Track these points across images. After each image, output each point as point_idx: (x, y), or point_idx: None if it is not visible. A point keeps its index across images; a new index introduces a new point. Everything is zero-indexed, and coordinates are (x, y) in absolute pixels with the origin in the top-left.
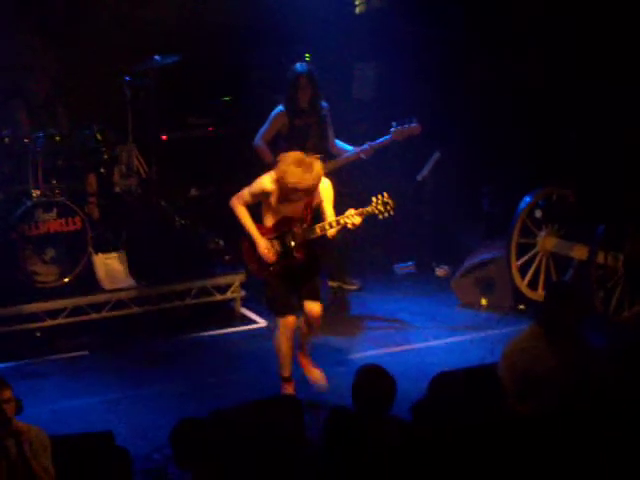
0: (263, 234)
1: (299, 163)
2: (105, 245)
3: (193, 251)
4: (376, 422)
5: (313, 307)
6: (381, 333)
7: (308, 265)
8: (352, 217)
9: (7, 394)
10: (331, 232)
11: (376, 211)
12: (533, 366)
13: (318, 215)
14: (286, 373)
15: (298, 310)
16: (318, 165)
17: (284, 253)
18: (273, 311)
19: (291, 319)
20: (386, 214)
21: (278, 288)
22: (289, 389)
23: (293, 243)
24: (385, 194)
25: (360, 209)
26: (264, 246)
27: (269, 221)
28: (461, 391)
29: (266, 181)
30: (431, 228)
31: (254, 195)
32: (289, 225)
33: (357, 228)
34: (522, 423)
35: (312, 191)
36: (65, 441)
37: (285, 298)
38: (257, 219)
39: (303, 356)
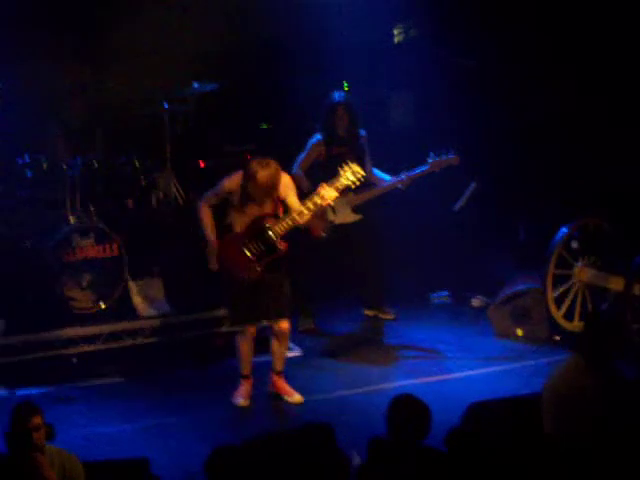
0: (237, 239)
1: (258, 164)
2: (142, 271)
3: None
4: (411, 452)
5: (282, 325)
6: (416, 363)
7: (272, 280)
8: (325, 192)
9: (37, 421)
10: (307, 216)
11: (349, 182)
12: (574, 396)
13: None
14: (246, 371)
15: (258, 320)
16: (274, 163)
17: (267, 249)
18: (233, 318)
19: (251, 328)
20: (357, 182)
21: (243, 298)
22: (246, 386)
23: (274, 236)
24: (349, 163)
25: (331, 182)
26: (214, 250)
27: (238, 225)
28: (496, 422)
29: (228, 180)
30: (467, 258)
31: (218, 194)
32: (262, 223)
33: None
34: (558, 454)
35: (271, 188)
36: (98, 467)
37: (248, 304)
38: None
39: (279, 380)
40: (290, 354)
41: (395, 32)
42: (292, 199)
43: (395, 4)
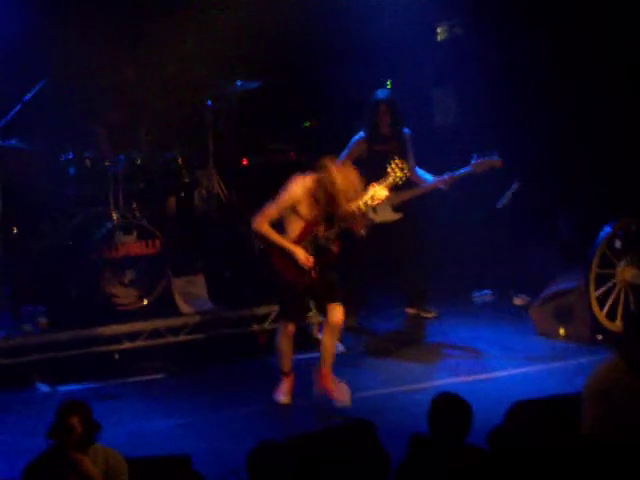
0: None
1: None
2: (184, 268)
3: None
4: (453, 450)
5: (335, 310)
6: (457, 361)
7: (326, 271)
8: (376, 192)
9: (72, 421)
10: (359, 218)
11: (397, 179)
12: (614, 397)
13: None
14: (286, 368)
15: (303, 319)
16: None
17: (320, 252)
18: (282, 313)
19: (292, 327)
20: (404, 178)
21: (295, 294)
22: (288, 383)
23: (326, 240)
24: (395, 159)
25: (381, 181)
26: (302, 252)
27: (294, 231)
28: (539, 421)
29: (297, 189)
30: (510, 257)
31: (284, 207)
32: (314, 228)
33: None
34: (602, 452)
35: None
36: (141, 464)
37: (297, 305)
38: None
39: (325, 377)
40: None
41: (439, 30)
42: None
43: (439, 2)
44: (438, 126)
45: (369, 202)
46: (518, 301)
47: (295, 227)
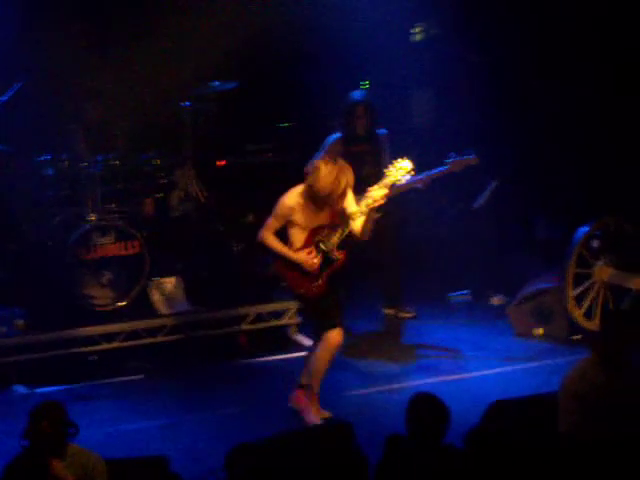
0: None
1: (328, 170)
2: (162, 269)
3: (249, 276)
4: (430, 450)
5: (334, 333)
6: (435, 361)
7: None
8: (374, 192)
9: (43, 424)
10: (360, 221)
11: (395, 178)
12: (591, 395)
13: None
14: (318, 388)
15: (343, 323)
16: (347, 168)
17: (325, 261)
18: (319, 327)
19: (337, 333)
20: (407, 175)
21: (320, 302)
22: (317, 402)
23: (330, 247)
24: (399, 160)
25: (379, 183)
26: (304, 257)
27: (298, 241)
28: (516, 421)
29: (288, 201)
30: (487, 257)
31: (280, 218)
32: (317, 234)
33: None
34: (578, 451)
35: (344, 194)
36: (119, 465)
37: (329, 311)
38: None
39: (302, 395)
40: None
41: (416, 30)
42: (349, 200)
43: (416, 3)
44: (416, 126)
45: (370, 202)
46: (496, 301)
47: (298, 237)
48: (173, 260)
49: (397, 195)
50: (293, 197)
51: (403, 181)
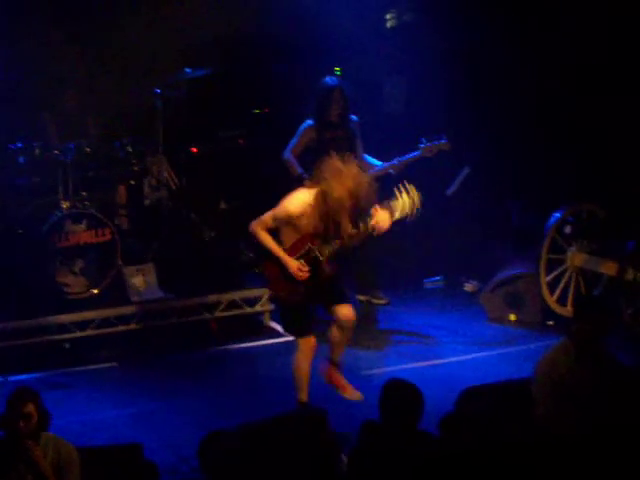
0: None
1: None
2: (134, 257)
3: (222, 264)
4: (403, 436)
5: (344, 310)
6: (409, 348)
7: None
8: (380, 217)
9: (27, 409)
10: (357, 238)
11: (405, 207)
12: (564, 380)
13: None
14: (304, 397)
15: (315, 330)
16: (362, 173)
17: (313, 270)
18: (293, 333)
19: (312, 340)
20: (414, 207)
21: (296, 309)
22: None
23: (322, 257)
24: (406, 185)
25: (387, 205)
26: (296, 266)
27: (288, 241)
28: (489, 406)
29: (295, 204)
30: (460, 243)
31: (278, 219)
32: (310, 241)
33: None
34: (551, 441)
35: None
36: (92, 453)
37: (304, 318)
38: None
39: (334, 373)
40: (283, 339)
41: (388, 17)
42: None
43: None
44: (388, 113)
45: (372, 224)
46: (469, 287)
47: (289, 238)
48: (145, 247)
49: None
50: (299, 204)
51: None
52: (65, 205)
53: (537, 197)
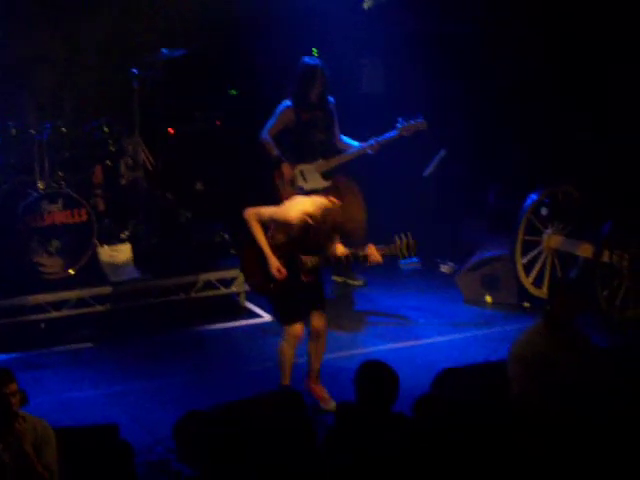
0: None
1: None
2: (110, 237)
3: (198, 244)
4: (379, 417)
5: (315, 318)
6: (385, 329)
7: (312, 282)
8: (372, 255)
9: (13, 387)
10: (340, 258)
11: (399, 253)
12: (538, 361)
13: None
14: (286, 381)
15: (305, 317)
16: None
17: (292, 275)
18: (279, 320)
19: (298, 327)
20: (408, 256)
21: (283, 298)
22: None
23: (303, 267)
24: (409, 237)
25: (382, 248)
26: (277, 267)
27: (279, 238)
28: (465, 388)
29: (295, 212)
30: (437, 224)
31: (275, 221)
32: (299, 247)
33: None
34: (524, 422)
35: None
36: (68, 433)
37: (291, 305)
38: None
39: (315, 386)
40: (258, 320)
41: None
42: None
43: None
44: (365, 94)
45: (361, 255)
46: (445, 269)
47: (278, 237)
48: (122, 227)
49: (348, 161)
50: (300, 213)
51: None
52: (41, 185)
53: (514, 179)
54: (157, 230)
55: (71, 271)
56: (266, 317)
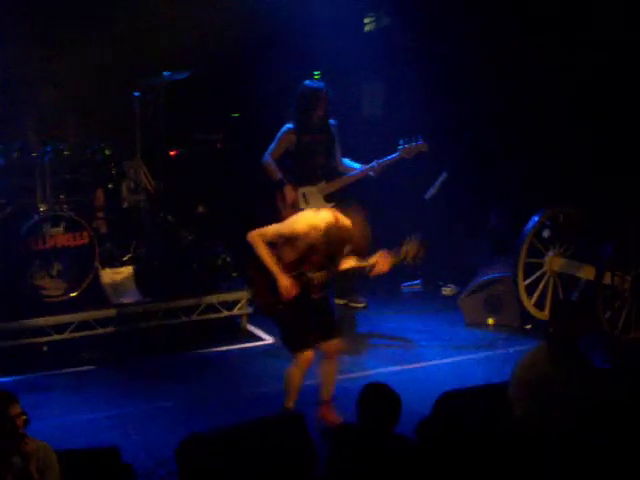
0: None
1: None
2: (112, 260)
3: (200, 267)
4: (381, 440)
5: (333, 344)
6: (387, 351)
7: (322, 302)
8: (383, 262)
9: (17, 409)
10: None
11: (407, 258)
12: (540, 383)
13: None
14: (291, 405)
15: (315, 343)
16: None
17: (301, 292)
18: (289, 347)
19: (308, 354)
20: (416, 261)
21: (293, 322)
22: None
23: (312, 284)
24: (416, 242)
25: (391, 255)
26: (286, 284)
27: (287, 256)
28: (467, 410)
29: (303, 226)
30: (438, 247)
31: (281, 236)
32: (308, 264)
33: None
34: (526, 444)
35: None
36: (70, 456)
37: (302, 332)
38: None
39: (328, 412)
40: (262, 342)
41: (366, 21)
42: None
43: None
44: (366, 116)
45: (372, 263)
46: (447, 291)
47: (287, 255)
48: (123, 250)
49: (351, 184)
50: (306, 225)
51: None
52: (43, 208)
53: (515, 201)
54: (159, 252)
55: (73, 294)
56: (268, 340)
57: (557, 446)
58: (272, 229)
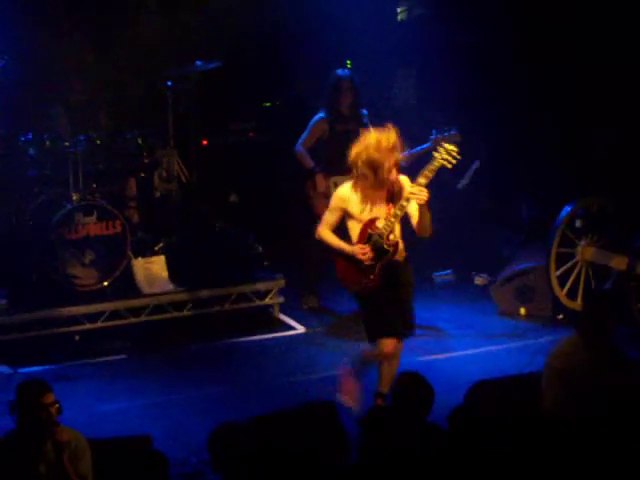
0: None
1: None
2: (144, 249)
3: (232, 256)
4: (413, 428)
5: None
6: (419, 341)
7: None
8: (417, 183)
9: (51, 398)
10: (407, 207)
11: (443, 162)
12: (573, 374)
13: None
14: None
15: (401, 332)
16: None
17: (377, 252)
18: (372, 332)
19: (389, 343)
20: (452, 160)
21: (375, 299)
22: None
23: (381, 239)
24: (443, 145)
25: (427, 168)
26: (357, 249)
27: (354, 235)
28: (499, 400)
29: (342, 191)
30: (470, 236)
31: (335, 211)
32: (370, 227)
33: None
34: (557, 434)
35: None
36: (102, 445)
37: (384, 312)
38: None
39: (354, 381)
40: (294, 332)
41: (399, 10)
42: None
43: None
44: (399, 106)
45: (417, 184)
46: (479, 281)
47: (355, 231)
48: (156, 240)
49: None
50: (346, 188)
51: (449, 166)
52: (75, 197)
53: (548, 190)
54: (191, 242)
55: (105, 283)
56: (300, 329)
57: (587, 437)
58: (325, 214)
